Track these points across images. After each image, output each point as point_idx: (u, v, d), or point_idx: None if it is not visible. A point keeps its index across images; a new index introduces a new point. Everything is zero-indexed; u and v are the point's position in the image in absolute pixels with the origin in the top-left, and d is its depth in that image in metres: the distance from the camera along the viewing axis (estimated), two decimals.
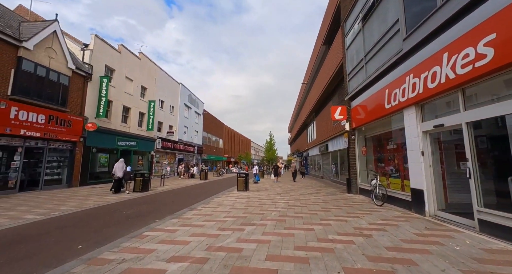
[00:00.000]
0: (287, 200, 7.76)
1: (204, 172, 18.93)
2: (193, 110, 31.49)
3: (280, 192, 10.25)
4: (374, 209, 5.96)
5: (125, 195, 9.43)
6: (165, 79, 23.60)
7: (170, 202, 7.80)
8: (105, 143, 14.69)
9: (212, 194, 10.03)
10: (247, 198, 8.43)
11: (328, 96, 16.19)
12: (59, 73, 11.35)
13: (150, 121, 19.84)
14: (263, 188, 12.44)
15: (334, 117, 9.83)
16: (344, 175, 13.95)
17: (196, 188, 12.54)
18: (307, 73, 24.01)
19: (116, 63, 16.03)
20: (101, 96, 14.13)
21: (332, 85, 14.18)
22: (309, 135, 27.61)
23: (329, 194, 9.37)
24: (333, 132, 15.09)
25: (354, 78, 9.37)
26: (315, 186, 13.46)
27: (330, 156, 17.12)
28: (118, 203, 7.52)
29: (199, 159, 32.52)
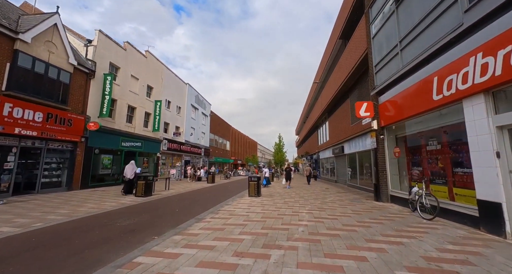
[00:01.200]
0: (310, 210, 6.62)
1: (212, 174, 17.96)
2: (200, 111, 30.78)
3: (297, 199, 9.11)
4: (425, 225, 4.76)
5: (126, 200, 8.52)
6: (172, 79, 22.96)
7: (174, 210, 6.81)
8: (109, 143, 13.97)
9: (221, 199, 9.00)
10: (262, 206, 7.34)
11: (345, 94, 14.98)
12: (60, 69, 10.69)
13: (156, 121, 19.12)
14: (276, 193, 11.32)
15: (359, 114, 8.66)
16: (364, 180, 12.66)
17: (204, 193, 11.55)
18: (318, 71, 22.86)
19: (121, 60, 15.40)
20: (105, 94, 13.44)
21: (351, 81, 12.99)
22: (320, 137, 26.32)
23: (355, 202, 8.16)
24: (351, 133, 13.86)
25: (383, 70, 8.20)
26: (333, 191, 12.23)
27: (347, 158, 15.83)
28: (114, 211, 6.58)
29: (206, 161, 31.69)
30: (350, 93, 14.06)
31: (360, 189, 12.83)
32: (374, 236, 3.98)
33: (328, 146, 21.26)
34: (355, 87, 13.16)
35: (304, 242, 3.63)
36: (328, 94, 18.43)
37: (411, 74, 6.44)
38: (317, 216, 5.77)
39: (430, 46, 5.46)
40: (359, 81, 12.36)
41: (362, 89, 12.07)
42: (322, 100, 21.04)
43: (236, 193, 11.60)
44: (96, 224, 5.07)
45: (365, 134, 11.73)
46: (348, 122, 14.53)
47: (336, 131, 17.91)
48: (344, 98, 15.29)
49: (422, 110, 5.97)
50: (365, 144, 12.02)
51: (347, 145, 15.42)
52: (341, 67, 14.08)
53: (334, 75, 16.21)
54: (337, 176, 19.10)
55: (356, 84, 12.97)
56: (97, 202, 8.04)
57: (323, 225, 4.81)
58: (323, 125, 24.15)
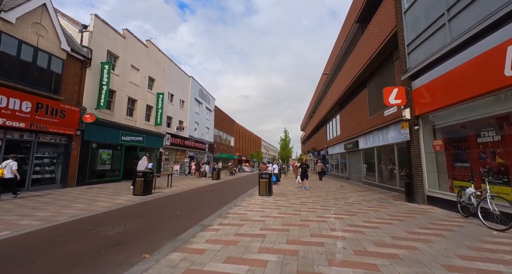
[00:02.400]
0: (337, 214, 5.53)
1: (217, 170, 16.99)
2: (204, 106, 29.77)
3: (314, 198, 8.03)
4: (506, 240, 3.62)
5: (122, 199, 7.58)
6: (174, 71, 21.90)
7: (174, 213, 5.81)
8: (107, 137, 13.06)
9: (229, 199, 7.98)
10: (277, 208, 6.29)
11: (362, 83, 13.67)
12: (50, 55, 9.72)
13: (159, 115, 18.17)
14: (288, 191, 10.26)
15: (388, 102, 7.45)
16: (385, 177, 11.48)
17: (209, 190, 10.57)
18: (329, 62, 21.46)
19: (120, 49, 14.37)
20: (102, 84, 12.47)
21: (371, 68, 11.67)
22: (329, 132, 25.05)
23: (385, 203, 7.02)
24: (368, 126, 12.62)
25: (419, 49, 6.94)
26: (350, 189, 11.09)
27: (362, 154, 14.62)
28: (105, 214, 5.61)
29: (210, 157, 30.81)
30: (369, 81, 12.75)
31: (380, 187, 11.66)
32: (449, 258, 2.86)
33: (338, 141, 20.02)
34: (375, 75, 11.85)
35: (356, 269, 2.55)
36: (340, 86, 17.12)
37: (464, 48, 5.21)
38: (350, 222, 4.67)
39: (503, 5, 4.21)
40: (381, 66, 11.04)
41: (384, 75, 10.77)
42: (333, 93, 19.73)
43: (244, 191, 10.58)
44: (75, 232, 4.07)
45: (388, 126, 10.50)
46: (365, 114, 13.28)
47: (349, 125, 16.65)
48: (360, 88, 13.98)
49: (482, 92, 4.75)
50: (386, 138, 10.80)
51: (363, 139, 14.19)
52: (359, 53, 12.76)
53: (348, 64, 14.88)
54: (349, 173, 17.93)
55: (376, 71, 11.65)
56: (89, 201, 7.10)
57: (366, 237, 3.72)
58: (333, 119, 22.86)
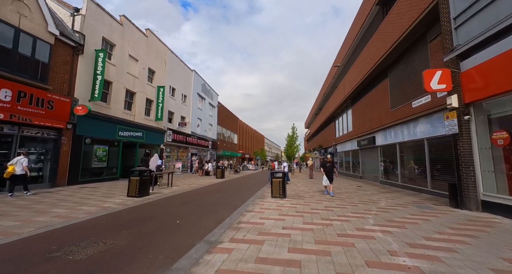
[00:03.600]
0: (380, 225, 4.34)
1: (221, 169, 15.89)
2: (207, 101, 28.64)
3: (337, 202, 6.84)
4: None
5: (112, 203, 6.49)
6: (176, 64, 20.75)
7: (173, 222, 4.68)
8: (103, 132, 12.00)
9: (238, 202, 6.84)
10: (299, 215, 5.13)
11: (382, 72, 12.35)
12: (35, 38, 8.62)
13: (159, 110, 17.07)
14: (303, 192, 9.10)
15: (429, 87, 6.19)
16: (410, 177, 10.24)
17: (213, 191, 9.45)
18: (340, 53, 20.08)
19: (116, 37, 13.24)
20: (97, 74, 11.37)
21: (396, 53, 10.33)
22: (338, 129, 23.78)
23: (427, 210, 5.81)
24: (390, 120, 11.35)
25: (472, 21, 5.66)
26: (371, 190, 9.89)
27: (380, 151, 13.36)
28: (84, 224, 4.50)
29: (213, 154, 29.76)
30: (391, 69, 11.43)
31: (403, 187, 10.44)
32: None
33: (350, 138, 18.76)
34: (400, 61, 10.51)
35: None
36: (355, 77, 15.81)
37: None
38: (408, 240, 3.48)
39: None
40: (410, 50, 9.69)
41: (413, 60, 9.42)
42: (345, 86, 18.41)
43: (252, 191, 9.44)
44: (29, 256, 2.93)
45: (417, 119, 9.24)
46: (385, 107, 11.99)
47: (364, 120, 15.37)
48: (380, 77, 12.66)
49: None
50: (414, 132, 9.53)
51: (381, 134, 12.92)
52: (379, 39, 11.43)
53: (366, 52, 13.55)
54: (362, 172, 16.69)
55: (402, 56, 10.30)
56: (73, 205, 6.02)
57: (447, 267, 2.54)
58: (343, 115, 21.57)
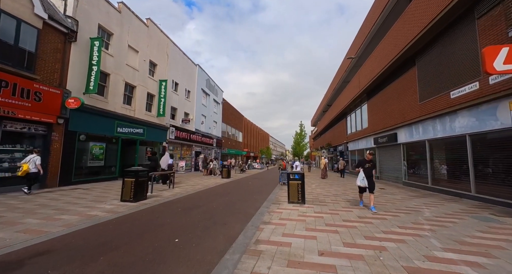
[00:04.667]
0: (451, 249, 3.15)
1: (227, 168, 14.82)
2: (212, 98, 27.59)
3: (369, 210, 5.67)
4: None
5: (100, 210, 5.45)
6: (179, 57, 19.70)
7: (170, 239, 3.60)
8: (100, 128, 11.03)
9: (249, 208, 5.73)
10: (333, 231, 3.98)
11: (407, 61, 11.00)
12: (19, 20, 7.63)
13: (161, 105, 16.07)
14: (321, 195, 7.93)
15: (492, 68, 4.92)
16: (443, 179, 8.95)
17: (220, 194, 8.36)
18: (355, 43, 18.68)
19: (114, 25, 12.21)
20: (92, 64, 10.38)
21: (428, 36, 8.98)
22: (350, 126, 22.45)
23: (494, 223, 4.58)
24: (418, 114, 10.05)
25: None
26: (399, 193, 8.66)
27: (402, 149, 12.07)
28: (54, 242, 3.45)
29: (218, 153, 28.76)
30: (420, 56, 10.08)
31: (434, 190, 9.17)
32: None
33: (365, 135, 17.45)
34: (433, 45, 9.13)
35: None
36: (372, 69, 14.48)
37: None
38: None
39: None
40: (446, 32, 8.35)
41: (452, 43, 8.07)
42: (360, 79, 17.06)
43: (263, 194, 8.32)
44: None
45: (455, 112, 7.95)
46: (411, 100, 10.68)
47: (383, 115, 14.05)
48: (405, 67, 11.31)
49: None
50: (452, 127, 8.24)
51: (405, 130, 11.62)
52: (407, 22, 10.07)
53: (388, 40, 12.19)
54: (379, 171, 15.38)
55: (436, 40, 8.96)
56: (52, 213, 4.99)
57: None
58: (356, 111, 20.23)
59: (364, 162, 6.14)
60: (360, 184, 5.90)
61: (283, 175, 11.84)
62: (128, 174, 6.43)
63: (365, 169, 5.98)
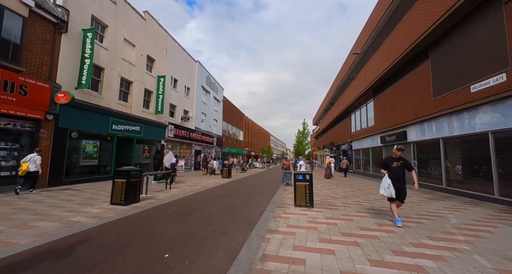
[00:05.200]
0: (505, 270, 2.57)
1: (228, 167, 14.24)
2: (212, 95, 26.99)
3: (385, 215, 5.06)
4: None
5: (83, 216, 4.87)
6: (178, 53, 19.08)
7: (159, 254, 3.00)
8: (93, 125, 10.45)
9: (252, 213, 5.14)
10: (352, 240, 3.38)
11: (419, 55, 10.34)
12: (2, 7, 7.02)
13: (160, 102, 15.48)
14: (329, 197, 7.33)
15: None
16: (460, 180, 8.32)
17: (220, 195, 7.77)
18: (361, 38, 18.00)
19: (109, 17, 11.60)
20: (84, 57, 9.78)
21: (446, 25, 8.32)
22: (355, 124, 21.79)
23: None
24: (432, 110, 9.41)
25: None
26: (413, 195, 8.04)
27: (413, 148, 11.44)
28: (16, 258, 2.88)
29: (218, 152, 28.18)
30: (434, 48, 9.42)
31: (449, 192, 8.55)
32: None
33: (371, 133, 16.81)
34: (450, 36, 8.46)
35: None
36: (379, 64, 13.82)
37: None
38: None
39: None
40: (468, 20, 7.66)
41: (472, 32, 7.38)
42: (366, 76, 16.40)
43: (267, 195, 7.71)
44: None
45: (476, 108, 7.32)
46: (424, 96, 10.03)
47: (392, 112, 13.40)
48: (417, 61, 10.64)
49: None
50: (471, 124, 7.60)
51: (415, 128, 10.99)
52: (421, 10, 9.40)
53: (398, 33, 11.51)
54: None
55: (454, 30, 8.26)
56: (29, 219, 4.40)
57: None
58: (362, 108, 19.59)
59: (391, 160, 4.52)
60: (384, 193, 4.35)
61: (287, 175, 11.25)
62: (119, 174, 5.84)
63: (394, 168, 4.40)
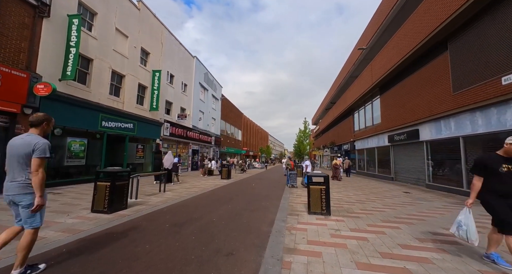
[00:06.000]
0: None
1: (228, 167, 13.36)
2: (210, 93, 26.06)
3: (418, 227, 4.24)
4: None
5: (56, 229, 3.95)
6: (175, 48, 18.13)
7: None
8: (80, 121, 9.49)
9: (261, 224, 4.27)
10: (400, 266, 2.54)
11: (436, 47, 9.59)
12: None
13: (155, 98, 14.54)
14: (344, 202, 6.49)
15: None
16: None
17: (220, 200, 6.89)
18: (366, 33, 17.26)
19: (98, 3, 10.62)
20: (70, 46, 8.82)
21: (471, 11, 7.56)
22: (358, 123, 21.09)
23: None
24: (451, 106, 8.67)
25: None
26: (434, 199, 7.27)
27: (426, 147, 10.70)
28: None
29: (216, 151, 27.26)
30: (454, 39, 8.64)
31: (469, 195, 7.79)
32: None
33: (377, 132, 16.07)
34: (475, 23, 7.70)
35: None
36: (388, 59, 13.07)
37: None
38: None
39: None
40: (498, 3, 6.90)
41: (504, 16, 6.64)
42: (373, 72, 15.67)
43: (273, 199, 6.85)
44: None
45: (508, 102, 6.55)
46: (441, 91, 9.27)
47: (403, 110, 12.66)
48: (434, 53, 9.85)
49: None
50: (501, 120, 6.85)
51: (429, 126, 10.25)
52: None
53: (412, 23, 10.75)
54: (394, 172, 14.05)
55: (480, 16, 7.49)
56: None
57: None
58: (366, 106, 18.88)
59: (497, 160, 2.74)
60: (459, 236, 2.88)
61: (292, 176, 10.41)
62: (103, 175, 4.92)
63: (502, 177, 2.66)
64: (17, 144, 2.26)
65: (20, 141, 2.27)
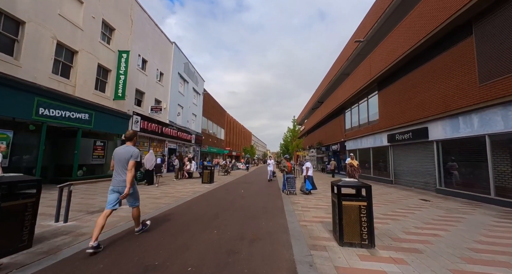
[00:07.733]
0: None
1: (210, 170, 11.16)
2: (191, 86, 23.49)
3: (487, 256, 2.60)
4: None
5: None
6: (149, 28, 15.45)
7: None
8: (1, 106, 6.73)
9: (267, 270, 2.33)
10: None
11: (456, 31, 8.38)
12: None
13: (121, 84, 11.87)
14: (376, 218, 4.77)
15: None
16: None
17: (202, 220, 4.77)
18: (365, 23, 16.10)
19: None
20: None
21: None
22: (350, 122, 20.05)
23: None
24: (474, 100, 7.47)
25: None
26: (467, 210, 5.90)
27: (437, 147, 9.54)
28: None
29: (197, 151, 24.70)
30: (481, 20, 7.42)
31: (499, 203, 6.59)
32: None
33: (374, 131, 14.94)
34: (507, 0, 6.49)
35: None
36: (394, 49, 11.87)
37: None
38: None
39: None
40: None
41: None
42: (372, 65, 14.49)
43: (275, 215, 4.89)
44: None
45: None
46: (463, 81, 8.04)
47: (407, 106, 11.49)
48: (454, 38, 8.59)
49: None
50: None
51: (443, 124, 9.07)
52: None
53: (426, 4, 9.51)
54: (394, 175, 12.93)
55: None
56: None
57: None
58: (360, 104, 17.81)
59: None
60: None
61: (289, 181, 8.59)
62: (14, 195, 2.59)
63: None
64: (121, 152, 3.38)
65: (123, 150, 3.39)
